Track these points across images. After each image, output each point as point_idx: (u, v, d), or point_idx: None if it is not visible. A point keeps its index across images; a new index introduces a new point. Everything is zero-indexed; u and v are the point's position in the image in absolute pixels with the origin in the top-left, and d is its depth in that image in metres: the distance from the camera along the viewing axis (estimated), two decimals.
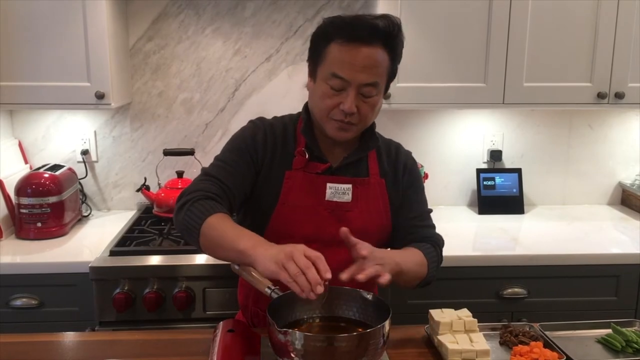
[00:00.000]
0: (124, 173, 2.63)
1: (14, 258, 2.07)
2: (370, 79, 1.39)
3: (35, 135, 2.56)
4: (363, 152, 1.54)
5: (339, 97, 1.40)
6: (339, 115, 1.41)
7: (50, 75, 2.17)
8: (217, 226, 1.31)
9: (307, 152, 1.51)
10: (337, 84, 1.39)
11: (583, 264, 2.13)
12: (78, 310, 2.03)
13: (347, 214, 1.51)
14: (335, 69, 1.38)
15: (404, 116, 2.62)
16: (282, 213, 1.50)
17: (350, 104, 1.39)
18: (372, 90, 1.41)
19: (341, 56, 1.38)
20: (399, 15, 2.20)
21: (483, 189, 2.65)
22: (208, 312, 2.00)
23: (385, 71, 1.43)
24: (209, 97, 2.59)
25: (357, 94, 1.39)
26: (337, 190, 1.50)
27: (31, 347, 1.43)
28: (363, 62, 1.37)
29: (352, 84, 1.38)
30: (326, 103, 1.42)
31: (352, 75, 1.37)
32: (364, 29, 1.37)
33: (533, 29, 2.24)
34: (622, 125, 2.71)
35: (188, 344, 1.43)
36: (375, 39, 1.37)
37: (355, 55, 1.37)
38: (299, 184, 1.50)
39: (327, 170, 1.51)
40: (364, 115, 1.43)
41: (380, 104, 1.47)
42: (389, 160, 1.59)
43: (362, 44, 1.37)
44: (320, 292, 1.12)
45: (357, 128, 1.46)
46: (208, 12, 2.51)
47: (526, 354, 1.33)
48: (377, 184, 1.55)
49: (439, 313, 1.42)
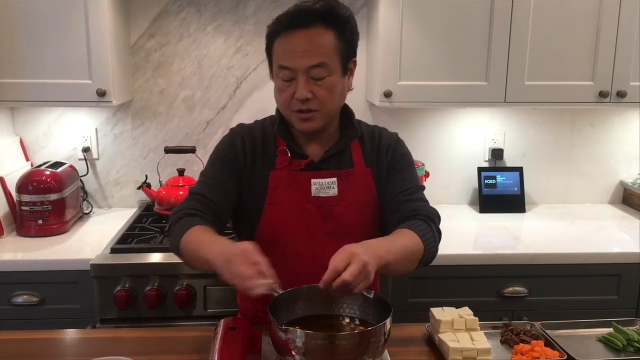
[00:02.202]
0: (125, 171, 2.63)
1: (15, 255, 2.07)
2: (314, 61, 1.38)
3: (37, 132, 2.56)
4: (345, 144, 1.53)
5: (292, 87, 1.41)
6: (298, 105, 1.41)
7: (52, 73, 2.17)
8: (192, 239, 1.34)
9: (288, 150, 1.51)
10: (286, 75, 1.40)
11: (584, 263, 2.12)
12: (79, 307, 2.04)
13: (334, 208, 1.49)
14: (281, 61, 1.40)
15: (405, 114, 2.62)
16: (270, 214, 1.49)
17: (302, 90, 1.39)
18: (322, 71, 1.39)
19: (283, 47, 1.40)
20: (401, 14, 2.20)
21: (485, 188, 2.64)
22: (209, 310, 2.00)
23: (333, 50, 1.40)
24: (210, 95, 2.58)
25: (308, 79, 1.39)
26: (323, 186, 1.49)
27: (32, 344, 1.43)
28: (303, 47, 1.37)
29: (299, 71, 1.38)
30: (283, 97, 1.43)
31: (295, 62, 1.38)
32: (299, 15, 1.39)
33: (535, 28, 2.24)
34: (624, 125, 2.71)
35: (189, 342, 1.43)
36: (312, 21, 1.38)
37: (295, 42, 1.38)
38: (284, 183, 1.50)
39: (310, 165, 1.50)
40: (322, 99, 1.41)
41: (341, 86, 1.45)
42: (373, 147, 1.55)
43: (299, 29, 1.38)
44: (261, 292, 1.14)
45: (320, 115, 1.44)
46: (210, 10, 2.51)
47: (527, 352, 1.34)
48: (363, 174, 1.52)
49: (440, 312, 1.42)
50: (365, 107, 2.57)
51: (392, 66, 2.24)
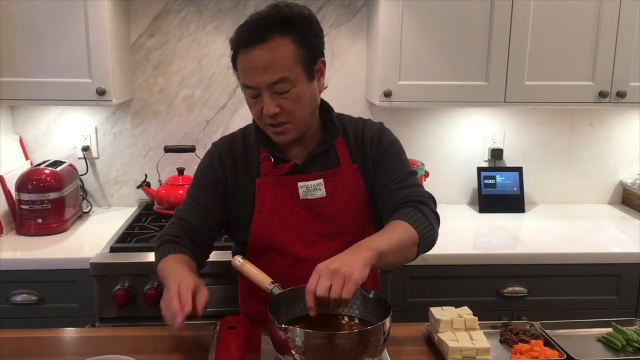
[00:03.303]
0: (124, 170, 2.63)
1: (14, 254, 2.07)
2: (274, 77, 1.35)
3: (36, 131, 2.56)
4: (327, 143, 1.51)
5: (259, 102, 1.39)
6: (268, 119, 1.40)
7: (52, 72, 2.17)
8: (162, 267, 1.43)
9: (271, 157, 1.50)
10: (251, 92, 1.40)
11: (584, 263, 2.13)
12: (78, 306, 2.03)
13: (323, 209, 1.49)
14: (244, 79, 1.39)
15: (405, 114, 2.62)
16: (260, 220, 1.49)
17: (268, 107, 1.37)
18: (284, 85, 1.36)
19: (243, 65, 1.38)
20: (401, 14, 2.20)
21: (484, 188, 2.64)
22: (208, 309, 1.97)
23: (293, 60, 1.36)
24: (210, 94, 2.58)
25: (272, 94, 1.37)
26: (309, 188, 1.49)
27: (31, 342, 1.43)
28: (261, 63, 1.34)
29: (262, 88, 1.37)
30: (254, 112, 1.44)
31: (256, 80, 1.36)
32: (254, 29, 1.36)
33: (535, 28, 2.24)
34: (623, 125, 2.71)
35: (188, 341, 1.43)
36: (268, 32, 1.34)
37: (252, 59, 1.35)
38: (271, 189, 1.49)
39: (294, 169, 1.49)
40: (290, 111, 1.39)
41: (309, 92, 1.41)
42: (357, 141, 1.53)
43: (256, 45, 1.34)
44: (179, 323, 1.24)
45: (292, 126, 1.42)
46: (209, 9, 2.51)
47: (526, 352, 1.34)
48: (350, 172, 1.51)
49: (440, 311, 1.42)
50: (364, 106, 2.57)
51: (392, 66, 2.24)
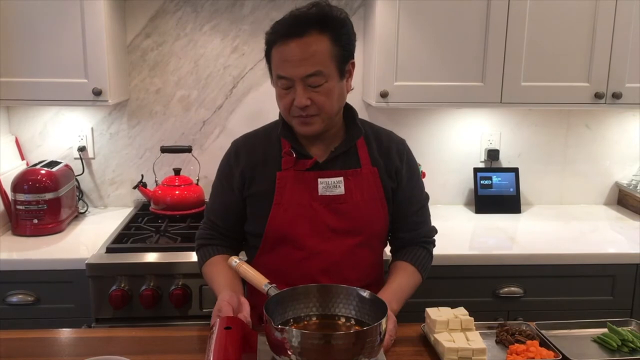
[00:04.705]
0: (120, 170, 2.62)
1: (10, 254, 2.06)
2: (309, 70, 1.41)
3: (32, 131, 2.55)
4: (349, 144, 1.56)
5: (291, 94, 1.45)
6: (297, 111, 1.46)
7: (48, 72, 2.16)
8: (206, 271, 1.59)
9: (293, 151, 1.54)
10: (284, 83, 1.45)
11: (579, 263, 2.13)
12: (74, 307, 2.03)
13: (341, 206, 1.53)
14: (278, 71, 1.44)
15: (401, 115, 2.62)
16: (278, 213, 1.52)
17: (300, 99, 1.43)
18: (318, 79, 1.42)
19: (279, 56, 1.43)
20: (398, 14, 2.20)
21: (480, 188, 2.65)
22: (205, 310, 2.00)
23: (328, 56, 1.42)
24: (206, 95, 2.58)
25: (305, 87, 1.43)
26: (329, 185, 1.53)
27: (27, 343, 1.43)
28: (298, 56, 1.40)
29: (296, 79, 1.42)
30: (283, 103, 1.48)
31: (291, 71, 1.41)
32: (292, 23, 1.42)
33: (531, 29, 2.24)
34: (619, 126, 2.72)
35: (184, 341, 1.43)
36: (306, 28, 1.40)
37: (289, 52, 1.41)
38: (291, 183, 1.53)
39: (315, 165, 1.54)
40: (320, 104, 1.44)
41: (339, 89, 1.47)
42: (380, 149, 1.60)
43: (294, 38, 1.40)
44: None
45: (320, 119, 1.47)
46: (206, 9, 2.51)
47: (522, 352, 1.34)
48: (369, 173, 1.56)
49: (436, 311, 1.42)
50: (361, 107, 2.57)
51: (388, 66, 2.25)
